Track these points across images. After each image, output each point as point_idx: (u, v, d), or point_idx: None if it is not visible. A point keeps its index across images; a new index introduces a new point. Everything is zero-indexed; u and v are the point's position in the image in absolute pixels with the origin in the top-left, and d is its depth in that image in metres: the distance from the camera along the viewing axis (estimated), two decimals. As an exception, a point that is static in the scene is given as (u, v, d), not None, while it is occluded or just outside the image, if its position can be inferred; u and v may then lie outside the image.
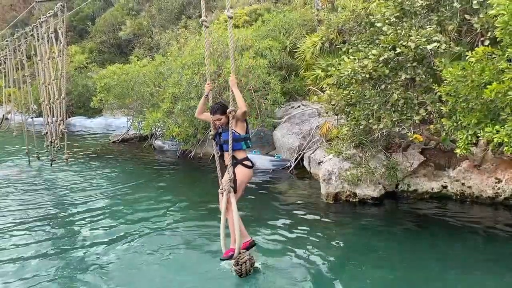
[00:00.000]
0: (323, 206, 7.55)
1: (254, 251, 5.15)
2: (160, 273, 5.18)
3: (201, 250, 5.82)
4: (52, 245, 6.15)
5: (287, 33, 13.76)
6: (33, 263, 5.52)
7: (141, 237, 6.31)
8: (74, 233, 6.66)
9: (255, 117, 10.79)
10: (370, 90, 6.50)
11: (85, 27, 30.90)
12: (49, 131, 9.30)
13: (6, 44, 12.41)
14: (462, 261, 5.31)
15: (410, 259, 5.45)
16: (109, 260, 5.57)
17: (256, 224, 6.62)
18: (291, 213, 7.17)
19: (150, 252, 5.75)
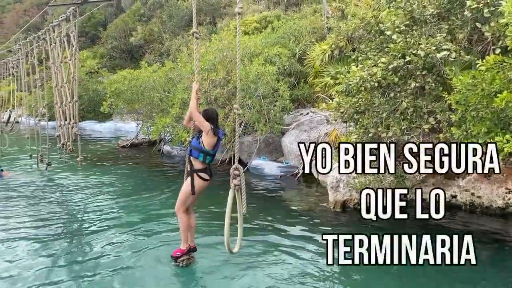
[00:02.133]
0: (330, 213, 7.52)
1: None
2: (168, 275, 5.18)
3: (208, 252, 5.81)
4: (58, 247, 6.18)
5: (296, 41, 13.82)
6: (41, 265, 5.55)
7: (149, 237, 6.35)
8: (81, 235, 6.70)
9: (264, 123, 10.81)
10: (379, 98, 6.47)
11: (97, 33, 31.33)
12: (61, 134, 9.38)
13: (18, 48, 12.59)
14: (472, 272, 5.24)
15: (420, 269, 5.39)
16: (116, 262, 5.59)
17: (262, 230, 6.60)
18: (298, 220, 7.14)
19: (157, 255, 5.77)
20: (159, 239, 6.42)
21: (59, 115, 9.31)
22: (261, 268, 5.40)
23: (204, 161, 5.07)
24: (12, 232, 6.81)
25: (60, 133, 9.39)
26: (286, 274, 5.20)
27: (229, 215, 4.60)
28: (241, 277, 5.15)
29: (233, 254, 4.82)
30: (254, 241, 6.23)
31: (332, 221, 7.15)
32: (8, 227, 7.09)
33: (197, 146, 5.01)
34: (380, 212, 4.68)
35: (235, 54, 12.17)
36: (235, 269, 5.36)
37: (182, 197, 5.17)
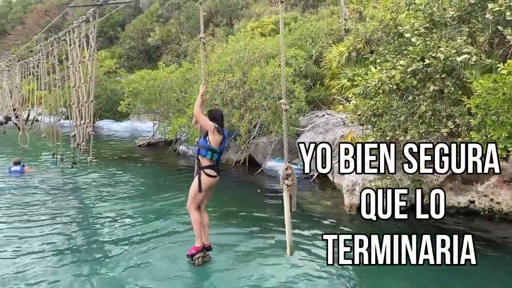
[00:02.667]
0: (346, 217, 7.47)
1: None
2: (180, 273, 5.22)
3: (221, 250, 5.86)
4: (72, 243, 6.27)
5: (313, 42, 13.78)
6: (56, 262, 5.64)
7: (163, 236, 6.43)
8: (96, 232, 6.79)
9: (279, 125, 10.81)
10: (397, 101, 6.41)
11: (115, 33, 31.71)
12: (77, 133, 9.53)
13: (39, 49, 12.83)
14: (488, 279, 5.17)
15: (435, 274, 5.32)
16: (130, 259, 5.65)
17: (276, 233, 6.58)
18: (312, 223, 7.10)
19: (171, 253, 5.83)
20: (174, 237, 6.48)
21: (76, 115, 9.46)
22: (268, 266, 5.44)
23: (211, 159, 5.28)
24: (30, 226, 6.97)
25: (76, 133, 9.54)
26: (290, 274, 5.19)
27: (289, 217, 4.51)
28: (249, 277, 5.17)
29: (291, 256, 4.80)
30: (265, 241, 6.27)
31: (346, 224, 7.11)
32: (25, 221, 7.25)
33: (204, 144, 5.26)
34: (380, 212, 4.70)
35: (251, 56, 12.25)
36: (244, 268, 5.41)
37: (191, 194, 5.38)
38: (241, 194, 9.32)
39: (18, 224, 7.15)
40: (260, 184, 10.10)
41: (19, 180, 10.55)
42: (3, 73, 18.15)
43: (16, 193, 9.36)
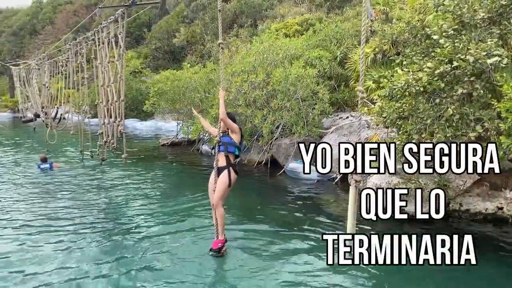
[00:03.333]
0: (367, 220, 7.36)
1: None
2: (203, 271, 5.26)
3: (239, 249, 5.90)
4: (94, 240, 6.40)
5: (338, 43, 13.67)
6: (75, 258, 5.77)
7: (182, 232, 6.52)
8: (119, 229, 6.90)
9: (302, 126, 10.76)
10: (423, 103, 6.30)
11: (142, 33, 32.18)
12: (104, 131, 9.71)
13: (68, 48, 13.14)
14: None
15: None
16: (149, 256, 5.75)
17: (298, 236, 6.56)
18: (334, 227, 7.04)
19: (190, 250, 5.91)
20: (194, 234, 6.58)
21: (104, 113, 9.64)
22: (274, 268, 5.44)
23: (238, 155, 5.74)
24: (59, 220, 7.18)
25: (103, 131, 9.72)
26: (317, 280, 5.16)
27: (354, 215, 4.50)
28: (252, 278, 5.20)
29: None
30: (283, 242, 6.26)
31: (367, 227, 7.01)
32: (52, 217, 7.47)
33: (232, 142, 5.64)
34: (380, 212, 4.67)
35: (275, 57, 12.25)
36: (256, 268, 5.44)
37: (222, 190, 5.58)
38: (263, 194, 9.32)
39: (47, 219, 7.38)
40: (281, 185, 10.08)
41: (48, 176, 10.85)
42: (33, 71, 18.68)
43: (46, 189, 9.64)
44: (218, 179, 5.59)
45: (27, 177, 10.86)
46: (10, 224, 7.12)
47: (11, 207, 8.13)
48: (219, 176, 5.60)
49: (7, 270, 5.35)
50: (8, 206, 8.18)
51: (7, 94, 34.86)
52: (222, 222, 5.62)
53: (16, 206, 8.21)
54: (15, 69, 22.69)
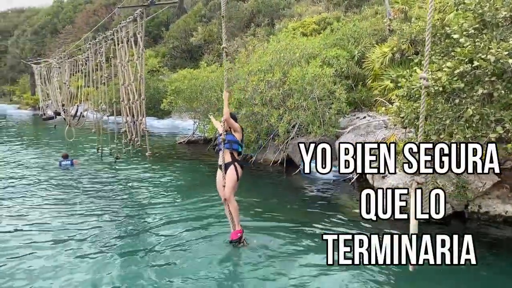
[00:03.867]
0: (380, 221, 7.30)
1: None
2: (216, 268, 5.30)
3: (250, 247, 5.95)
4: (112, 235, 6.50)
5: (356, 42, 13.57)
6: (100, 253, 5.88)
7: (197, 229, 6.54)
8: (135, 225, 7.00)
9: (318, 125, 10.72)
10: (442, 103, 6.20)
11: (159, 33, 32.44)
12: (127, 129, 9.83)
13: (88, 47, 13.34)
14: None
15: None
16: (170, 251, 5.83)
17: (312, 236, 6.54)
18: (349, 227, 7.00)
19: (205, 246, 5.97)
20: (209, 231, 6.66)
21: (126, 112, 9.76)
22: (282, 266, 5.46)
23: (241, 152, 6.12)
24: (79, 214, 7.32)
25: (127, 129, 9.84)
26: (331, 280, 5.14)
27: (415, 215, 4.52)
28: (259, 276, 5.23)
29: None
30: (291, 241, 6.27)
31: (384, 227, 6.94)
32: (74, 211, 7.63)
33: (236, 140, 6.00)
34: (380, 212, 4.66)
35: (292, 56, 12.23)
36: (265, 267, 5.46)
37: (232, 185, 5.86)
38: (278, 194, 9.30)
39: (69, 213, 7.56)
40: (297, 185, 10.06)
41: (69, 173, 11.06)
42: (53, 69, 19.03)
43: (67, 184, 9.86)
44: (226, 175, 5.85)
45: (48, 173, 11.08)
46: (35, 216, 7.36)
47: (33, 202, 8.34)
48: (226, 172, 5.86)
49: (37, 255, 5.58)
50: (31, 201, 8.39)
51: (28, 91, 35.57)
52: (237, 214, 5.91)
53: (39, 200, 8.44)
54: (36, 67, 23.15)
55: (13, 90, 39.83)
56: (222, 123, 5.95)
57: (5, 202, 8.28)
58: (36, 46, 42.23)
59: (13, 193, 9.02)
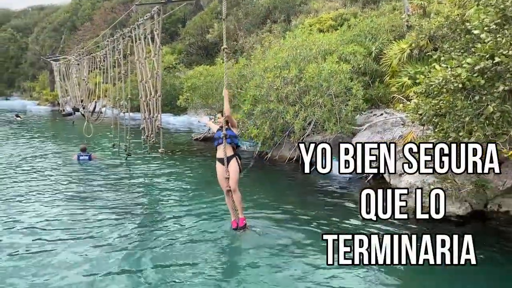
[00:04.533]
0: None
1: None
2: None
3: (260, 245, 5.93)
4: (127, 228, 6.58)
5: (373, 39, 13.40)
6: (117, 248, 5.96)
7: (210, 221, 6.60)
8: (150, 220, 7.08)
9: (334, 123, 10.64)
10: (462, 100, 6.09)
11: (176, 30, 32.57)
12: (145, 126, 9.93)
13: (106, 44, 13.49)
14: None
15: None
16: (182, 245, 5.91)
17: (318, 234, 6.51)
18: (366, 226, 6.93)
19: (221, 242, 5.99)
20: (221, 226, 6.73)
21: (144, 108, 9.85)
22: (286, 264, 5.45)
23: (239, 145, 6.65)
24: (95, 207, 7.44)
25: (145, 126, 9.93)
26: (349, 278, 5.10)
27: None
28: (262, 273, 5.24)
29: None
30: (300, 239, 6.28)
31: (402, 227, 6.86)
32: (90, 205, 7.77)
33: (235, 135, 6.45)
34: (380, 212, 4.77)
35: (308, 53, 12.15)
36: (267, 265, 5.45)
37: (236, 176, 6.27)
38: (292, 191, 9.29)
39: (83, 207, 7.71)
40: (312, 182, 10.01)
41: (86, 167, 11.24)
42: (72, 66, 19.30)
43: (83, 179, 10.04)
44: (230, 168, 6.21)
45: (66, 168, 11.29)
46: (53, 209, 7.58)
47: (50, 197, 8.52)
48: (228, 164, 6.22)
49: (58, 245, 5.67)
50: (47, 196, 8.57)
51: (47, 88, 36.18)
52: (240, 203, 6.34)
53: (54, 195, 8.62)
54: (55, 64, 23.52)
55: (33, 86, 40.54)
56: (223, 118, 6.29)
57: (22, 196, 8.45)
58: (56, 43, 42.87)
59: (31, 186, 9.25)
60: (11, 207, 7.69)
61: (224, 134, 6.19)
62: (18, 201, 8.08)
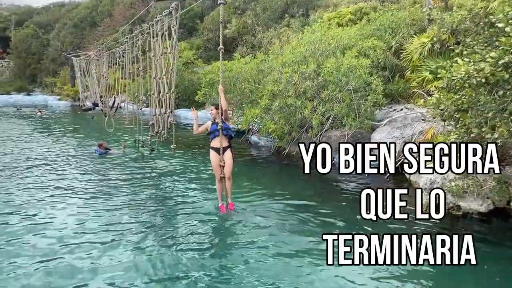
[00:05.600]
0: (421, 216, 7.11)
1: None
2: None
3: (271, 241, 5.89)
4: (149, 227, 6.66)
5: (393, 33, 13.19)
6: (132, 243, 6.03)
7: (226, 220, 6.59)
8: (164, 214, 7.16)
9: (353, 118, 10.53)
10: (485, 95, 5.95)
11: (194, 25, 32.65)
12: (155, 122, 10.01)
13: (125, 41, 13.64)
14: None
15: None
16: (196, 239, 5.95)
17: (347, 229, 6.46)
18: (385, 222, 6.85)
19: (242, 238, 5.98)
20: (236, 221, 6.74)
21: (155, 104, 9.93)
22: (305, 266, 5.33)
23: (232, 137, 7.22)
24: (111, 199, 7.55)
25: (154, 122, 10.01)
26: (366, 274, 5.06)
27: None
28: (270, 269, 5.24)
29: None
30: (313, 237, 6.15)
31: (422, 224, 6.77)
32: (103, 199, 7.89)
33: (229, 127, 7.06)
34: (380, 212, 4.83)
35: (326, 47, 12.03)
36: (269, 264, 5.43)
37: (232, 164, 6.97)
38: (309, 187, 9.22)
39: (99, 202, 7.83)
40: (330, 178, 9.94)
41: (103, 162, 11.41)
42: (92, 62, 19.58)
43: (99, 173, 10.21)
44: (225, 157, 6.90)
45: (83, 161, 11.48)
46: (73, 201, 7.77)
47: (73, 187, 8.78)
48: (224, 154, 6.90)
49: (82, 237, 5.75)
50: (71, 186, 8.77)
51: (68, 83, 36.75)
52: (231, 189, 7.09)
53: (78, 186, 8.88)
54: (76, 59, 23.90)
55: (54, 82, 41.23)
56: (219, 112, 6.92)
57: (40, 190, 8.62)
58: (76, 39, 43.46)
59: (48, 180, 9.47)
60: (37, 206, 7.71)
61: (220, 126, 6.81)
62: (41, 200, 8.15)
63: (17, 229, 6.47)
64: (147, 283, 4.88)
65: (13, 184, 9.04)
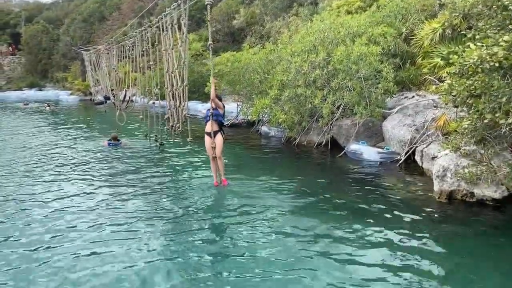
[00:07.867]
0: (434, 204, 7.06)
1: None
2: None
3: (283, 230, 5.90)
4: (161, 219, 6.71)
5: (403, 19, 12.99)
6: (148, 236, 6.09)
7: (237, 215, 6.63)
8: (176, 208, 7.18)
9: (364, 106, 10.44)
10: (498, 80, 5.83)
11: (202, 16, 32.50)
12: (170, 116, 10.03)
13: (135, 34, 13.65)
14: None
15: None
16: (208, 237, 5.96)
17: (361, 219, 6.43)
18: (397, 209, 6.82)
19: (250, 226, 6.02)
20: (250, 217, 6.66)
21: (169, 98, 9.95)
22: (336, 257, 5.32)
23: (223, 123, 8.18)
24: (123, 193, 7.63)
25: (170, 115, 10.04)
26: (379, 264, 5.05)
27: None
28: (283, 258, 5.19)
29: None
30: (338, 226, 6.19)
31: (435, 212, 6.72)
32: (114, 193, 7.95)
33: (221, 114, 8.01)
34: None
35: (336, 35, 11.91)
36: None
37: (222, 146, 7.94)
38: (321, 176, 9.19)
39: (110, 194, 7.90)
40: (342, 167, 9.91)
41: (115, 154, 11.51)
42: (102, 56, 19.66)
43: (111, 166, 10.28)
44: (216, 140, 7.84)
45: (95, 154, 11.59)
46: (86, 193, 7.82)
47: (85, 179, 8.85)
48: (215, 137, 7.84)
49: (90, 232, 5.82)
50: (83, 177, 8.87)
51: (79, 78, 37.01)
52: (223, 167, 8.07)
53: (90, 178, 8.94)
54: (86, 54, 24.01)
55: (65, 76, 41.55)
56: (211, 101, 7.82)
57: (52, 183, 8.73)
58: (85, 33, 43.61)
59: (60, 172, 9.60)
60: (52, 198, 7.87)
61: (211, 113, 7.78)
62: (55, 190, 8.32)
63: (30, 219, 6.60)
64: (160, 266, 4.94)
65: (31, 176, 9.26)
